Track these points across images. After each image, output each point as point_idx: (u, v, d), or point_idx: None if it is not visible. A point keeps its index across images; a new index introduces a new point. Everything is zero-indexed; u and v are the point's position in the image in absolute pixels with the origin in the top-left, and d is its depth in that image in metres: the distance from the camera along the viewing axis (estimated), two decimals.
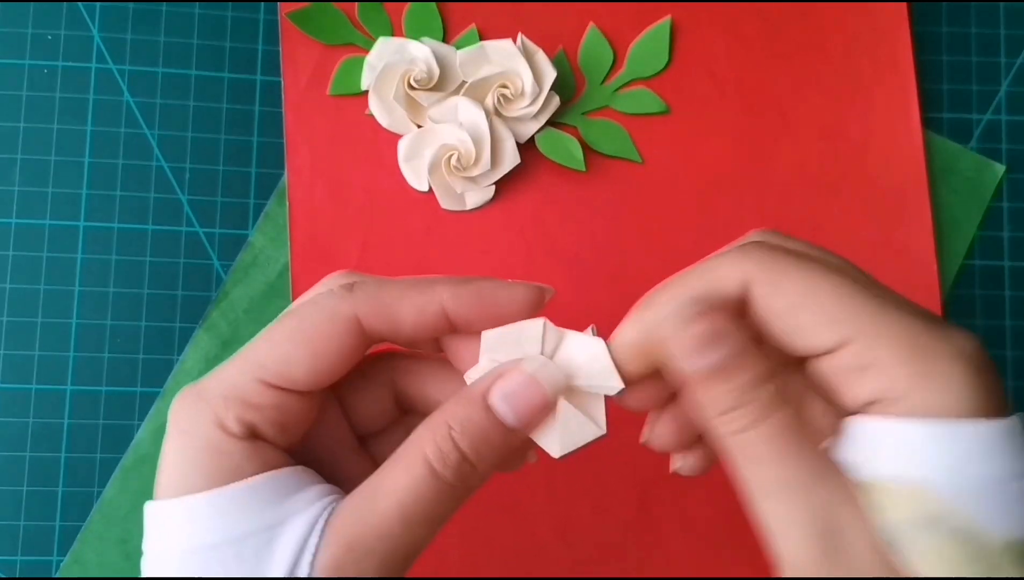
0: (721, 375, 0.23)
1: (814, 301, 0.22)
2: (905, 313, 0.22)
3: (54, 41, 0.43)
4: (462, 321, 0.25)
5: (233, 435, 0.24)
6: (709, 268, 0.23)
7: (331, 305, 0.25)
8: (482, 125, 0.41)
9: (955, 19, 0.46)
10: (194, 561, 0.23)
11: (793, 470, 0.22)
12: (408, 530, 0.23)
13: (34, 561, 0.40)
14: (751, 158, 0.44)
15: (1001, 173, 0.45)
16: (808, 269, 0.22)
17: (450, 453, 0.23)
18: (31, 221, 0.42)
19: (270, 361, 0.24)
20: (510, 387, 0.24)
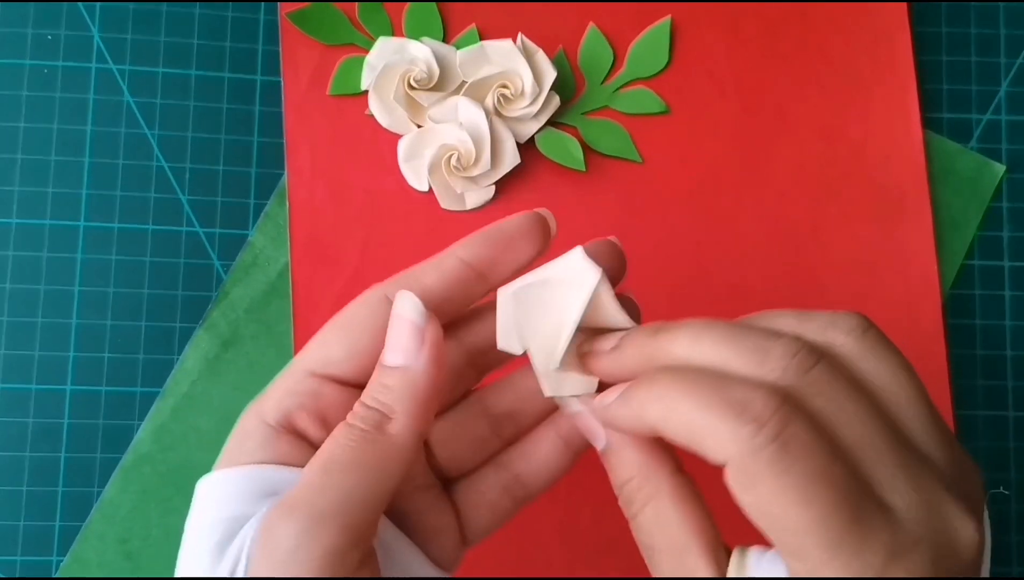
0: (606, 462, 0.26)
1: (773, 516, 0.21)
2: (861, 552, 0.20)
3: (54, 41, 0.43)
4: (482, 264, 0.26)
5: (266, 423, 0.25)
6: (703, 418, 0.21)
7: (363, 294, 0.26)
8: (482, 125, 0.41)
9: (955, 19, 0.46)
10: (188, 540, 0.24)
11: (668, 568, 0.24)
12: (330, 477, 0.23)
13: (34, 561, 0.40)
14: (751, 158, 0.44)
15: (1001, 173, 0.45)
16: (783, 480, 0.20)
17: (358, 409, 0.24)
18: (31, 221, 0.42)
19: (313, 350, 0.26)
20: (388, 335, 0.25)
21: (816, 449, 0.21)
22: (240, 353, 0.42)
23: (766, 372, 0.22)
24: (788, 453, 0.20)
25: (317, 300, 0.42)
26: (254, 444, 0.25)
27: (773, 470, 0.20)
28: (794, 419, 0.21)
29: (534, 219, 0.27)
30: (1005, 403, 0.44)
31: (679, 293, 0.42)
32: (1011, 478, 0.43)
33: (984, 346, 0.44)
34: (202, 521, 0.24)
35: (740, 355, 0.22)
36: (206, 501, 0.24)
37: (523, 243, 0.26)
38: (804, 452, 0.20)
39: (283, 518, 0.23)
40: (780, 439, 0.20)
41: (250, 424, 0.25)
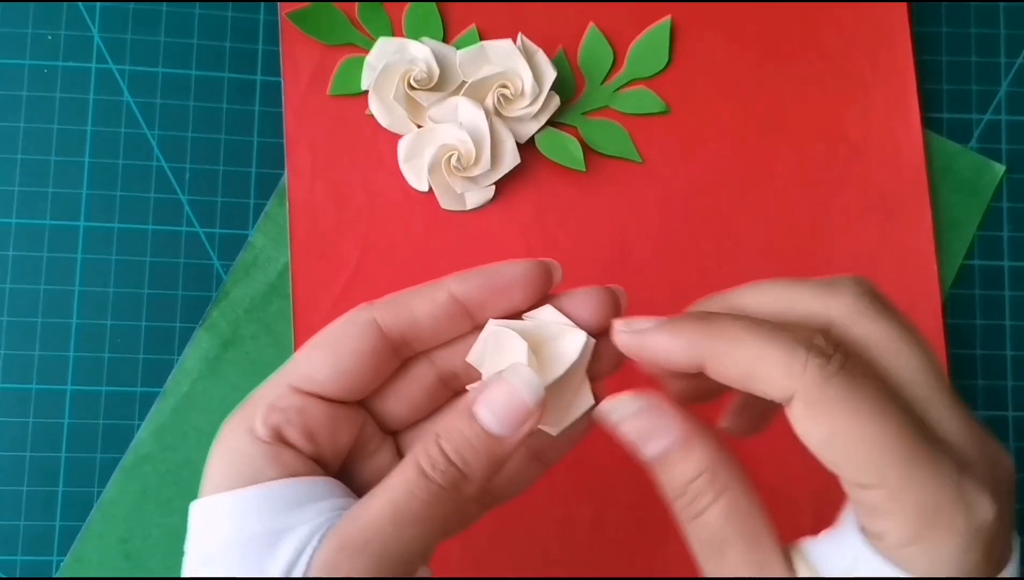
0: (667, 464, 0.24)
1: (846, 443, 0.22)
2: (935, 468, 0.21)
3: (54, 41, 0.43)
4: (473, 304, 0.26)
5: (259, 439, 0.25)
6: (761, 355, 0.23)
7: (351, 314, 0.26)
8: (482, 125, 0.41)
9: (955, 19, 0.46)
10: (207, 560, 0.24)
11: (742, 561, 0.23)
12: (399, 529, 0.24)
13: (34, 561, 0.41)
14: (751, 158, 0.44)
15: (1001, 173, 0.45)
16: (853, 405, 0.22)
17: (438, 458, 0.24)
18: (31, 221, 0.42)
19: (297, 366, 0.26)
20: (492, 397, 0.25)
21: (876, 378, 0.22)
22: (240, 353, 0.42)
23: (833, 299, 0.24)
24: (857, 380, 0.22)
25: (317, 300, 0.42)
26: (261, 461, 0.25)
27: (844, 395, 0.21)
28: (853, 354, 0.22)
29: (536, 269, 0.26)
30: (1004, 403, 0.44)
31: (679, 293, 0.42)
32: None
33: (984, 346, 0.44)
34: (228, 539, 0.24)
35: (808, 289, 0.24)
36: (225, 519, 0.24)
37: (517, 292, 0.26)
38: (868, 379, 0.22)
39: (351, 558, 0.23)
40: (846, 368, 0.22)
41: (242, 442, 0.25)
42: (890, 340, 0.23)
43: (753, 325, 0.23)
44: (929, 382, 0.23)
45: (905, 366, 0.23)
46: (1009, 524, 0.22)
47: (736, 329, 0.23)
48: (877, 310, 0.23)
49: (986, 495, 0.21)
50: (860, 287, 0.24)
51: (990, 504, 0.21)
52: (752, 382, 0.23)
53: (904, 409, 0.22)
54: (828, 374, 0.22)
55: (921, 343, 0.23)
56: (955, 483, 0.21)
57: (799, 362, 0.22)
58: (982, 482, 0.21)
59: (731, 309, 0.25)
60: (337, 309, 0.42)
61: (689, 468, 0.24)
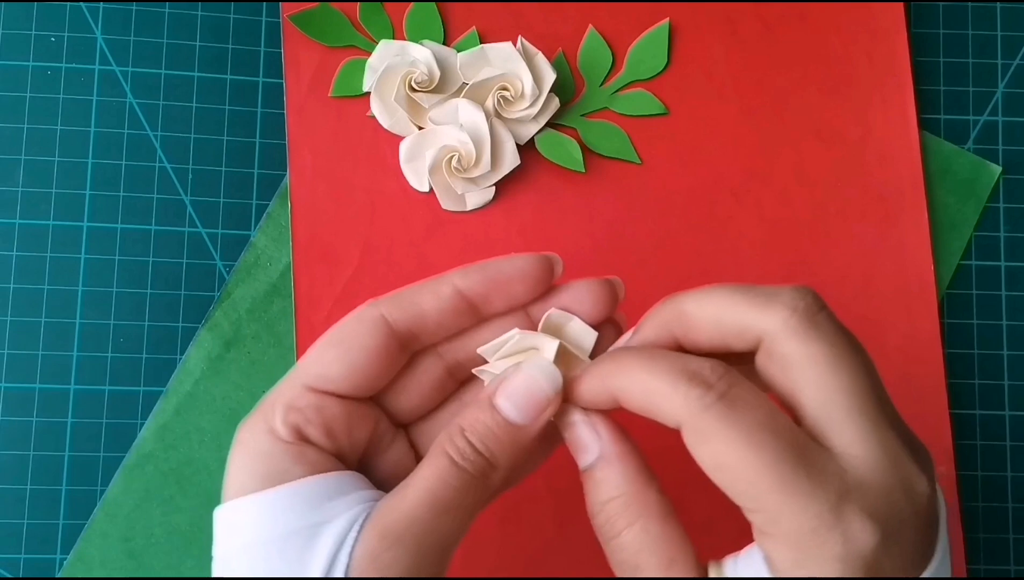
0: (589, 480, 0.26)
1: (728, 467, 0.22)
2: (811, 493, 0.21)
3: (57, 43, 0.43)
4: (476, 297, 0.27)
5: (282, 440, 0.26)
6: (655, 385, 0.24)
7: (359, 311, 0.27)
8: (482, 127, 0.41)
9: (952, 20, 0.46)
10: (243, 559, 0.24)
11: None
12: (436, 517, 0.24)
13: (37, 559, 0.41)
14: (749, 159, 0.44)
15: (997, 174, 0.45)
16: (732, 433, 0.22)
17: (466, 448, 0.25)
18: (35, 222, 0.42)
19: (310, 366, 0.27)
20: (511, 387, 0.26)
21: (760, 405, 0.23)
22: (242, 352, 0.42)
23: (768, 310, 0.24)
24: (734, 408, 0.22)
25: (318, 300, 0.42)
26: (287, 461, 0.25)
27: (722, 423, 0.22)
28: (739, 382, 0.23)
29: (538, 263, 0.27)
30: (1002, 403, 0.44)
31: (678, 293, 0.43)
32: (1007, 477, 0.44)
33: (981, 346, 0.44)
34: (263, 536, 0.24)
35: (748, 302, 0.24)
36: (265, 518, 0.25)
37: (518, 286, 0.27)
38: (749, 407, 0.22)
39: (391, 549, 0.24)
40: (727, 397, 0.23)
41: (264, 443, 0.26)
42: (810, 361, 0.23)
43: (647, 360, 0.24)
44: (844, 404, 0.23)
45: (820, 389, 0.23)
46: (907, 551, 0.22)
47: (633, 365, 0.24)
48: (805, 328, 0.23)
49: (867, 523, 0.21)
50: (797, 301, 0.24)
51: (870, 532, 0.21)
52: (651, 413, 0.24)
53: (790, 437, 0.22)
54: (707, 403, 0.22)
55: (846, 363, 0.23)
56: (832, 510, 0.21)
57: (681, 392, 0.23)
58: (865, 509, 0.21)
59: (678, 315, 0.26)
60: (338, 309, 0.42)
61: (606, 489, 0.25)
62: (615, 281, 0.28)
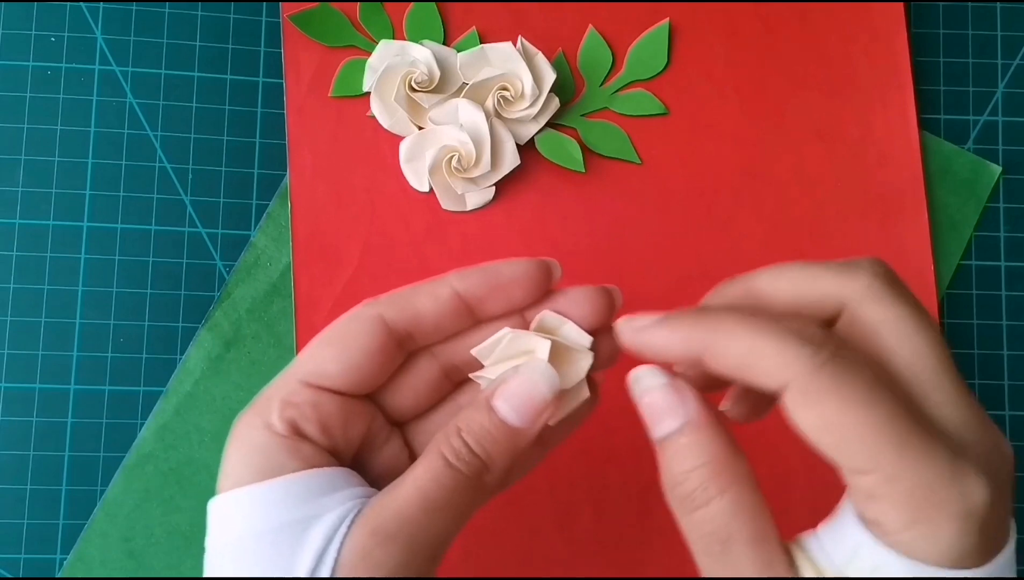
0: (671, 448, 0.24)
1: (841, 428, 0.22)
2: (929, 451, 0.21)
3: (57, 43, 0.43)
4: (474, 300, 0.27)
5: (278, 434, 0.26)
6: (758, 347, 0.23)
7: (357, 310, 0.27)
8: (482, 127, 0.41)
9: (952, 21, 0.46)
10: (235, 550, 0.24)
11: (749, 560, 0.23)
12: (428, 515, 0.24)
13: (37, 559, 0.41)
14: (749, 159, 0.44)
15: (997, 174, 0.45)
16: (847, 392, 0.22)
17: (461, 449, 0.25)
18: (35, 222, 0.42)
19: (306, 362, 0.27)
20: (510, 390, 0.26)
21: (869, 365, 0.22)
22: (242, 352, 0.42)
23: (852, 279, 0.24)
24: (848, 368, 0.22)
25: (318, 300, 0.42)
26: (283, 455, 0.25)
27: (835, 382, 0.22)
28: (845, 344, 0.23)
29: (536, 268, 0.27)
30: (1002, 403, 0.44)
31: (678, 293, 0.43)
32: None
33: (981, 346, 0.44)
34: (254, 529, 0.24)
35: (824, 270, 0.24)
36: (250, 512, 0.25)
37: (516, 290, 0.27)
38: (860, 367, 0.22)
39: (382, 546, 0.24)
40: (838, 357, 0.22)
41: (260, 437, 0.26)
42: (899, 323, 0.23)
43: (747, 317, 0.23)
44: (933, 366, 0.23)
45: (911, 350, 0.23)
46: (1005, 509, 0.22)
47: (730, 322, 0.23)
48: (889, 293, 0.24)
49: (981, 479, 0.21)
50: (876, 268, 0.24)
51: (984, 488, 0.21)
52: (747, 372, 0.23)
53: (899, 396, 0.22)
54: (819, 362, 0.22)
55: (929, 327, 0.23)
56: (949, 467, 0.21)
57: (791, 352, 0.22)
58: (977, 466, 0.21)
59: (748, 291, 0.26)
60: (338, 309, 0.42)
61: (694, 454, 0.24)
62: (613, 290, 0.28)
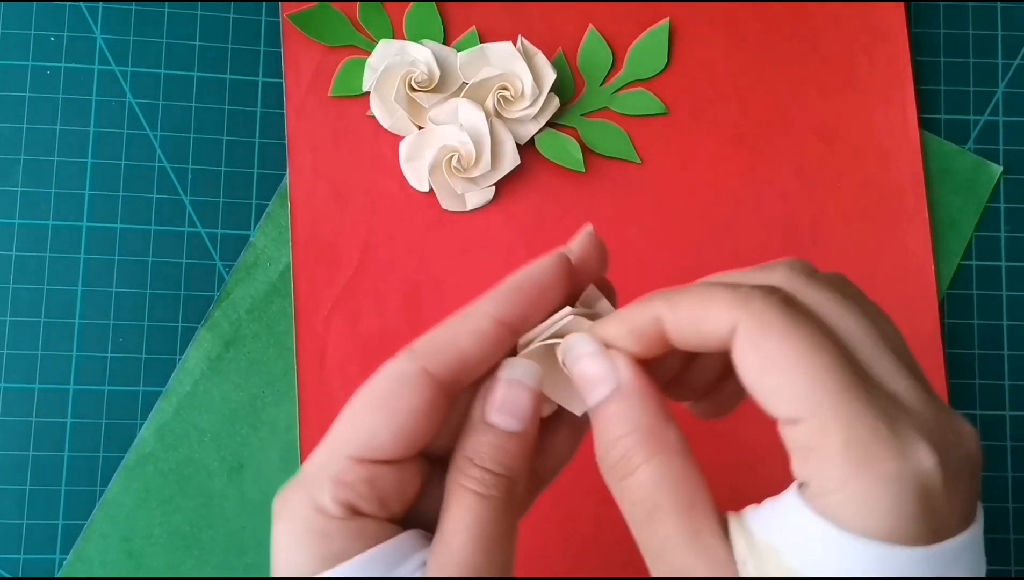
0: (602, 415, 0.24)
1: (784, 368, 0.21)
2: (870, 405, 0.20)
3: (57, 42, 0.43)
4: (516, 320, 0.25)
5: (333, 516, 0.24)
6: (708, 298, 0.23)
7: (396, 367, 0.25)
8: (482, 126, 0.41)
9: (953, 20, 0.46)
10: None
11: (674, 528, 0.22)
12: (487, 553, 0.24)
13: (37, 559, 0.41)
14: (749, 159, 0.44)
15: (998, 174, 0.45)
16: (794, 332, 0.21)
17: (484, 476, 0.24)
18: (34, 221, 0.42)
19: (354, 435, 0.24)
20: (497, 401, 0.25)
21: (818, 320, 0.22)
22: (242, 352, 0.42)
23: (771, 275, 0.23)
24: (797, 314, 0.21)
25: (318, 300, 0.42)
26: (343, 539, 0.24)
27: (786, 323, 0.21)
28: (794, 298, 0.22)
29: (561, 263, 0.26)
30: (1002, 402, 0.44)
31: None
32: (1007, 477, 0.44)
33: (981, 346, 0.44)
34: None
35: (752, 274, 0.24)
36: None
37: (554, 293, 0.26)
38: (810, 316, 0.22)
39: None
40: (790, 302, 0.22)
41: (317, 523, 0.24)
42: (832, 304, 0.22)
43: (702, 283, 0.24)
44: (875, 343, 0.22)
45: (851, 328, 0.22)
46: (962, 496, 0.20)
47: (680, 289, 0.24)
48: (815, 281, 0.23)
49: (926, 445, 0.20)
50: (796, 264, 0.24)
51: (930, 455, 0.20)
52: (700, 324, 0.23)
53: (847, 351, 0.21)
54: (769, 304, 0.22)
55: (865, 311, 0.22)
56: (890, 421, 0.20)
57: (742, 295, 0.22)
58: (922, 431, 0.20)
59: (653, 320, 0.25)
60: (338, 309, 0.42)
61: (621, 422, 0.24)
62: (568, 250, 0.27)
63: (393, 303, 0.42)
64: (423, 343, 0.25)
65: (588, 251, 0.27)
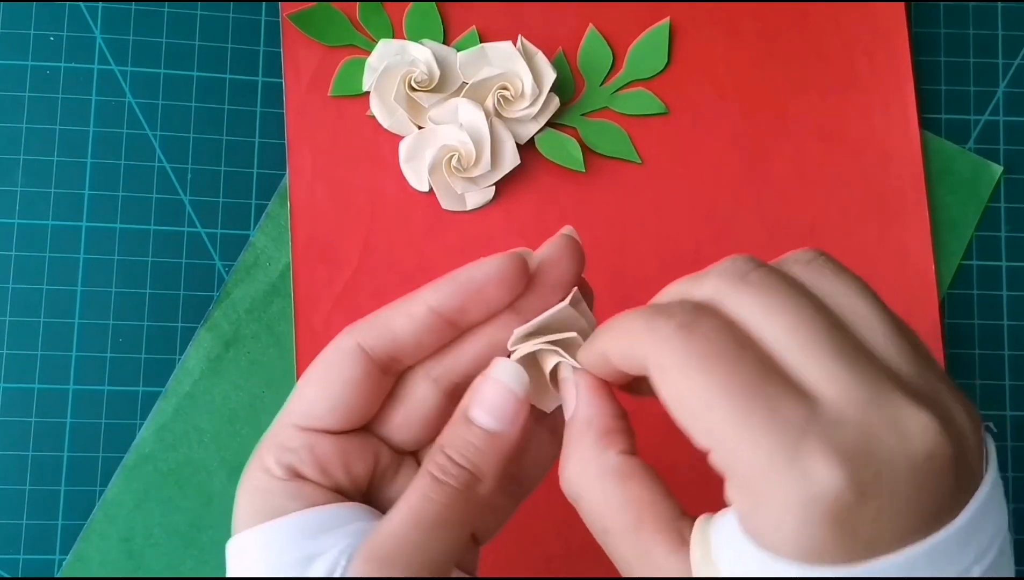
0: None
1: (683, 403, 0.21)
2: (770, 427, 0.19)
3: (56, 42, 0.43)
4: (451, 312, 0.26)
5: (275, 477, 0.26)
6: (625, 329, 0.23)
7: (337, 342, 0.26)
8: (482, 126, 0.41)
9: (953, 20, 0.46)
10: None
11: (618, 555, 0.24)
12: (423, 534, 0.24)
13: (36, 560, 0.41)
14: (749, 159, 0.44)
15: (998, 174, 0.45)
16: (689, 363, 0.20)
17: (446, 463, 0.25)
18: (34, 221, 0.42)
19: (296, 405, 0.27)
20: (482, 397, 0.25)
21: (723, 335, 0.21)
22: (241, 352, 0.42)
23: (702, 285, 0.22)
24: (692, 336, 0.21)
25: (318, 300, 0.42)
26: (282, 497, 0.25)
27: (681, 353, 0.21)
28: (703, 315, 0.21)
29: (508, 263, 0.26)
30: (1002, 403, 0.44)
31: None
32: (1008, 478, 0.44)
33: (982, 346, 0.44)
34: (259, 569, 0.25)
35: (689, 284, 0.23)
36: (256, 553, 0.25)
37: (494, 290, 0.26)
38: (709, 336, 0.21)
39: (381, 570, 0.24)
40: (687, 326, 0.21)
41: (262, 482, 0.26)
42: (757, 307, 0.21)
43: (634, 311, 0.23)
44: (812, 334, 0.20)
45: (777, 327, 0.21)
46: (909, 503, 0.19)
47: (618, 320, 0.23)
48: (746, 283, 0.22)
49: (832, 460, 0.19)
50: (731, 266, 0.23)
51: (837, 471, 0.19)
52: (633, 364, 0.22)
53: (751, 366, 0.20)
54: (666, 335, 0.21)
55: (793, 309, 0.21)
56: (789, 445, 0.19)
57: (646, 327, 0.22)
58: (831, 446, 0.19)
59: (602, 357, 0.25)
60: (338, 309, 0.42)
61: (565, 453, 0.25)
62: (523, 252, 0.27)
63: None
64: (363, 322, 0.26)
65: (558, 253, 0.28)
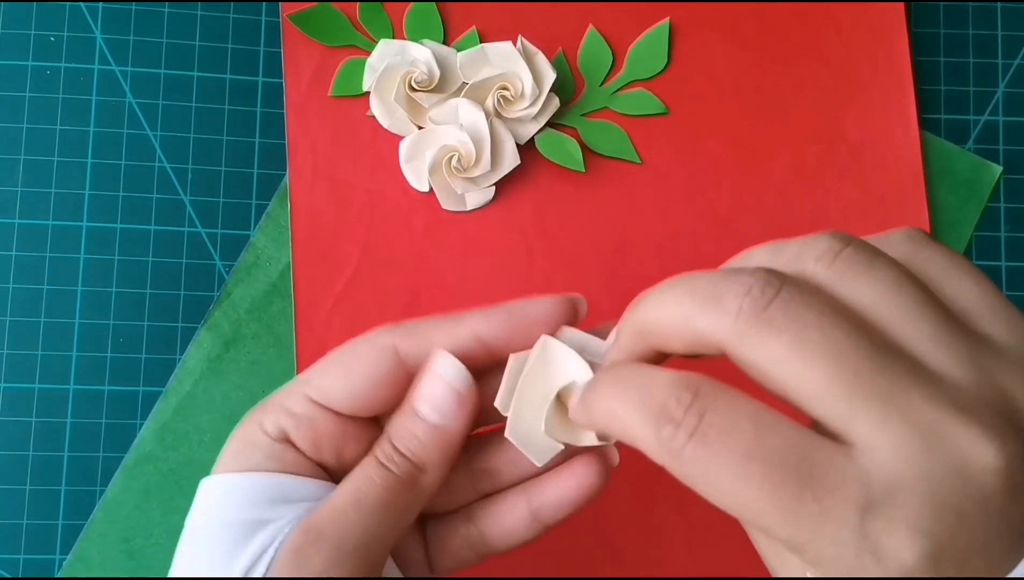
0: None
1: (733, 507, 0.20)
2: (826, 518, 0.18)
3: (56, 42, 0.43)
4: (495, 341, 0.26)
5: (265, 433, 0.26)
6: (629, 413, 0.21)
7: (375, 336, 0.27)
8: (482, 126, 0.41)
9: (953, 20, 0.46)
10: (194, 535, 0.26)
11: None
12: (359, 514, 0.25)
13: (37, 560, 0.41)
14: (749, 159, 0.44)
15: (998, 174, 0.45)
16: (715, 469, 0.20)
17: (391, 452, 0.26)
18: (34, 221, 0.42)
19: (315, 379, 0.27)
20: (425, 392, 0.26)
21: (740, 427, 0.20)
22: (242, 353, 0.42)
23: (720, 319, 0.20)
24: (708, 444, 0.20)
25: (318, 300, 0.42)
26: (261, 454, 0.26)
27: (701, 466, 0.20)
28: (711, 405, 0.20)
29: (563, 307, 0.26)
30: None
31: None
32: None
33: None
34: (213, 519, 0.25)
35: (698, 306, 0.21)
36: (215, 501, 0.26)
37: (541, 330, 0.26)
38: (726, 436, 0.20)
39: (314, 544, 0.24)
40: (698, 434, 0.20)
41: (252, 433, 0.26)
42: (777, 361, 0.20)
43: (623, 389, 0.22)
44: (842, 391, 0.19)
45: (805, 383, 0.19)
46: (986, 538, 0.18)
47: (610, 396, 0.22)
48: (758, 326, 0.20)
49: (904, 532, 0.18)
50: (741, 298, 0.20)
51: (911, 543, 0.18)
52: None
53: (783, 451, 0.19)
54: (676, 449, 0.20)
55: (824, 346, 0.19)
56: (855, 530, 0.18)
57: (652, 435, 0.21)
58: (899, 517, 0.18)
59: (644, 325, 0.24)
60: (338, 309, 0.42)
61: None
62: (577, 299, 0.27)
63: (393, 303, 0.42)
64: (407, 325, 0.27)
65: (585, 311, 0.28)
